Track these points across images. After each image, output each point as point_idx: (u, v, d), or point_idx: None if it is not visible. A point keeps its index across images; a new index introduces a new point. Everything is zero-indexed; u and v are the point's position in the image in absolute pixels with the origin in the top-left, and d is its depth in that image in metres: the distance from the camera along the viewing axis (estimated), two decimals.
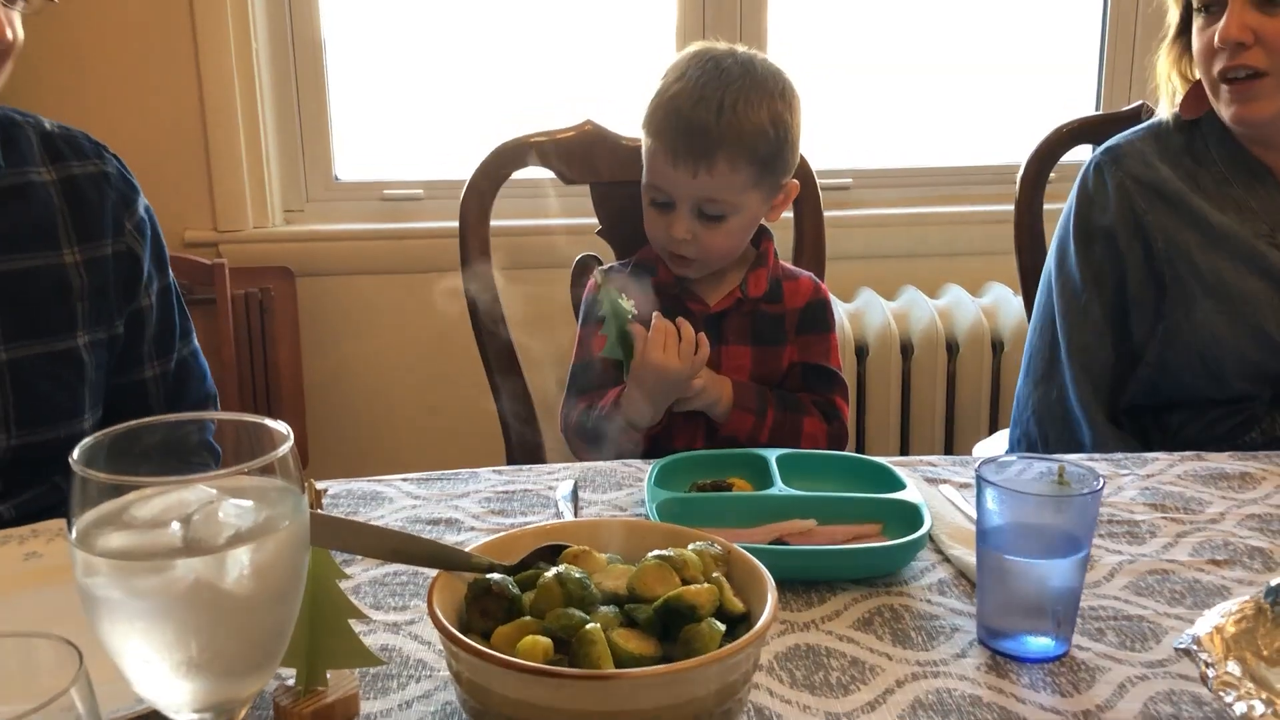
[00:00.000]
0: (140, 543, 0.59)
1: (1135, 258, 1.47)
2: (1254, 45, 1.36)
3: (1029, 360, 1.57)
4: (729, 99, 1.38)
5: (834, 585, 0.98)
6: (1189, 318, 1.43)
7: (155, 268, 1.31)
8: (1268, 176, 1.46)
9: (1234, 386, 1.42)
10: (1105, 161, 1.51)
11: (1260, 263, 1.41)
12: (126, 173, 1.31)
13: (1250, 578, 1.00)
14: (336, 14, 2.42)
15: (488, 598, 0.75)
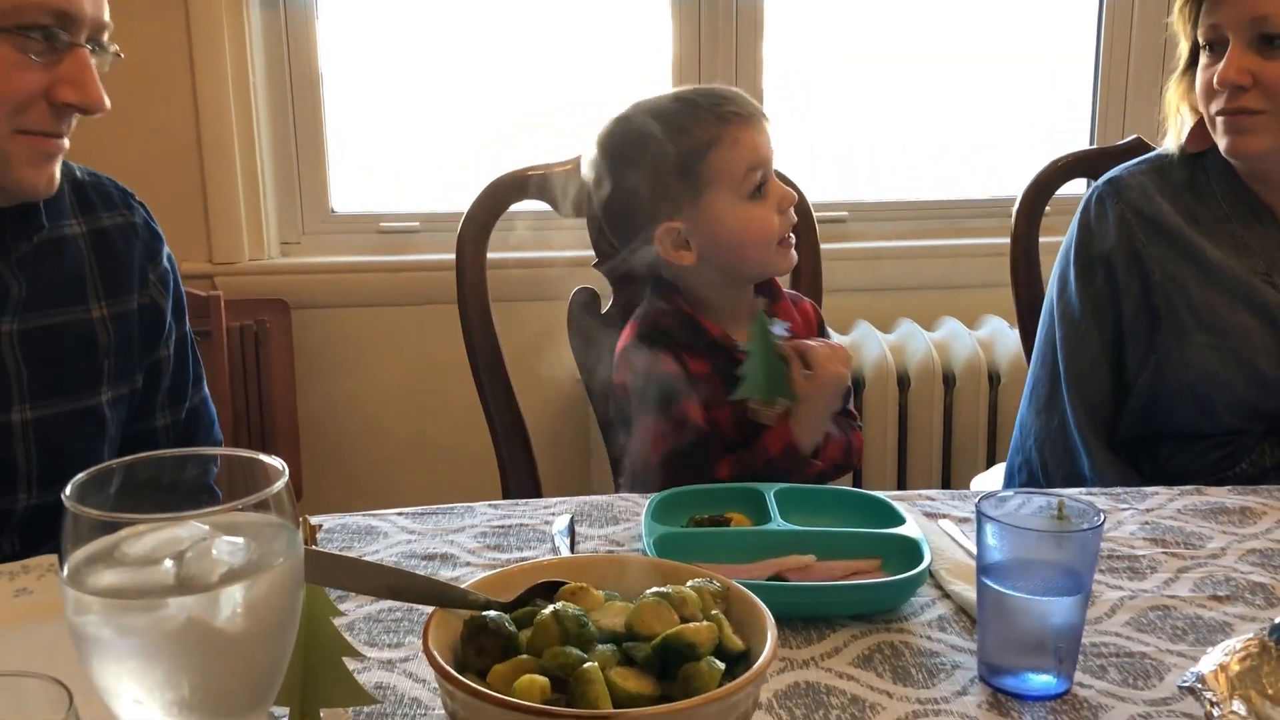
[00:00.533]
0: (132, 580, 0.58)
1: (1132, 288, 1.47)
2: (1252, 87, 1.38)
3: (1031, 388, 1.57)
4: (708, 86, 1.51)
5: (833, 621, 0.97)
6: (1182, 351, 1.43)
7: (175, 318, 1.31)
8: (1267, 216, 1.46)
9: (1224, 421, 1.43)
10: (1107, 192, 1.52)
11: (1255, 299, 1.41)
12: (152, 221, 1.31)
13: (1252, 613, 0.99)
14: (334, 47, 2.43)
15: (484, 635, 0.74)
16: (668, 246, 1.44)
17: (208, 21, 2.27)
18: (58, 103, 1.10)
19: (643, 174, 1.42)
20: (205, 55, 2.28)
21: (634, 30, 2.51)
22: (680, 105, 1.43)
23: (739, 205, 1.42)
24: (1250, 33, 1.37)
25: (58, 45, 1.08)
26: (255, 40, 2.35)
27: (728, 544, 1.08)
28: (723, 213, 1.42)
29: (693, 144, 1.41)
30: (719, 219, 1.42)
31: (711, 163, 1.41)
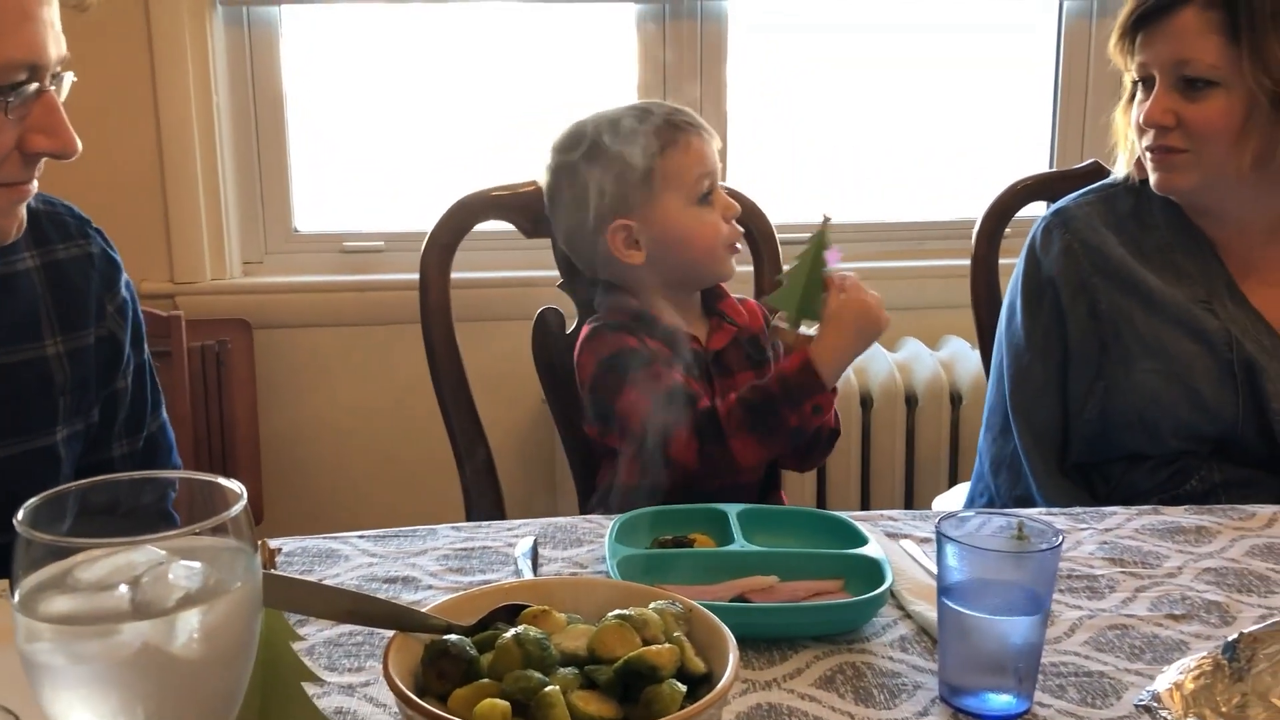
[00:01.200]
0: (86, 606, 0.57)
1: (1078, 315, 1.50)
2: (1176, 128, 1.42)
3: (987, 414, 1.60)
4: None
5: (796, 642, 0.98)
6: (1129, 378, 1.46)
7: (133, 348, 1.27)
8: (1207, 246, 1.50)
9: (1170, 444, 1.45)
10: (1055, 224, 1.56)
11: (1195, 327, 1.45)
12: (110, 249, 1.27)
13: (1208, 632, 1.01)
14: (298, 66, 2.42)
15: (445, 659, 0.74)
16: (619, 244, 1.49)
17: (170, 39, 2.26)
18: (31, 152, 1.07)
19: (596, 174, 1.48)
20: (167, 73, 2.27)
21: (599, 52, 2.52)
22: (636, 112, 1.50)
23: (689, 209, 1.49)
24: (1174, 74, 1.41)
25: (26, 96, 1.05)
26: (218, 58, 2.34)
27: (691, 565, 1.08)
28: (673, 214, 1.48)
29: (649, 146, 1.48)
30: (670, 220, 1.48)
31: (665, 165, 1.48)
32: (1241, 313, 1.46)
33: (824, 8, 2.57)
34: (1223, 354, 1.43)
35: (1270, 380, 1.41)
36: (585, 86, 2.51)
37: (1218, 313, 1.45)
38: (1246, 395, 1.42)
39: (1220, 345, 1.43)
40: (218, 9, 2.32)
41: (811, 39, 2.60)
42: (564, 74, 2.52)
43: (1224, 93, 1.39)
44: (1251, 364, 1.41)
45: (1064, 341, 1.51)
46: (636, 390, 1.43)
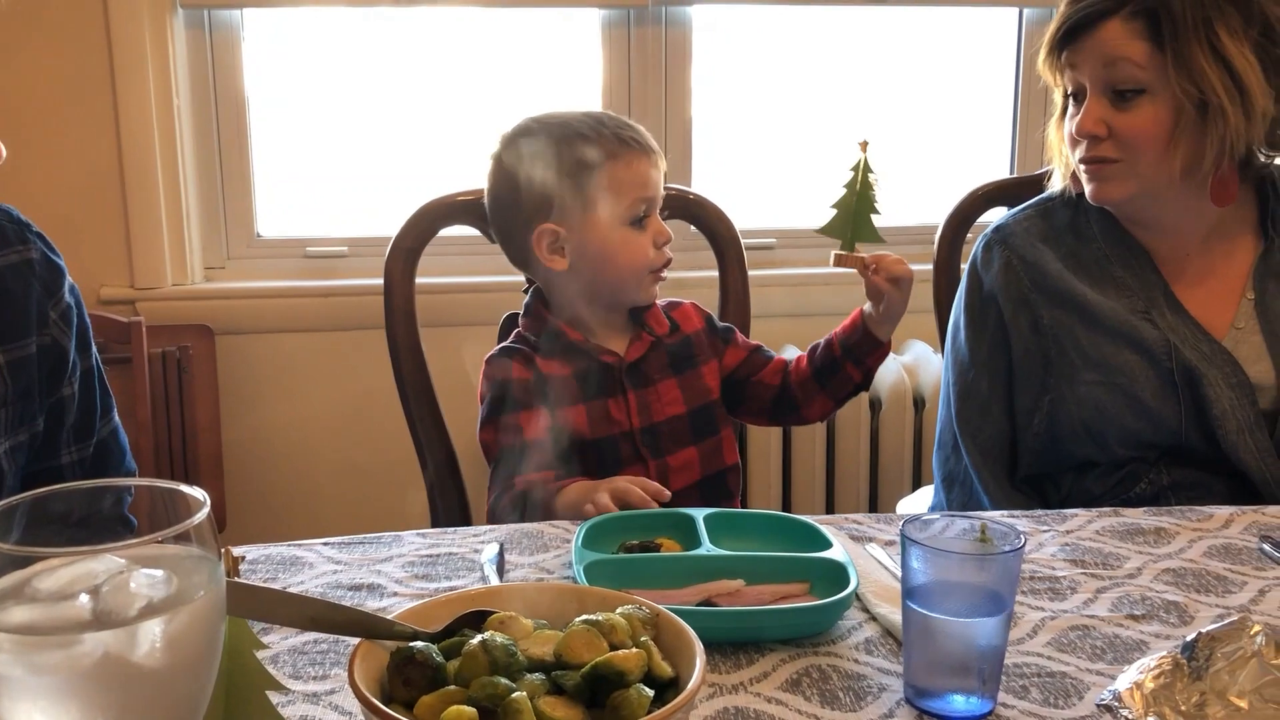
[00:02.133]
0: (46, 616, 0.56)
1: (1021, 331, 1.52)
2: (1108, 137, 1.44)
3: (939, 431, 1.62)
4: None
5: (762, 646, 0.98)
6: (1073, 390, 1.48)
7: (80, 353, 1.24)
8: (1144, 256, 1.52)
9: (1117, 453, 1.48)
10: (994, 241, 1.58)
11: (1135, 337, 1.47)
12: (52, 254, 1.24)
13: (1167, 631, 1.02)
14: (260, 70, 2.41)
15: (411, 666, 0.74)
16: (543, 248, 1.48)
17: (130, 41, 2.23)
18: None
19: (536, 171, 1.47)
20: (127, 76, 2.25)
21: (564, 57, 2.52)
22: (586, 119, 1.48)
23: (619, 228, 1.47)
24: (1103, 85, 1.43)
25: None
26: (179, 61, 2.31)
27: (657, 570, 1.08)
28: (602, 230, 1.47)
29: (590, 155, 1.46)
30: (597, 235, 1.47)
31: (603, 179, 1.46)
32: (1179, 321, 1.48)
33: (788, 15, 2.58)
34: (1162, 363, 1.45)
35: (1210, 385, 1.43)
36: (550, 92, 2.51)
37: (1156, 322, 1.47)
38: (1188, 402, 1.44)
39: (1160, 354, 1.45)
40: (178, 11, 2.30)
41: (775, 45, 2.61)
42: (529, 79, 2.52)
43: (1152, 100, 1.41)
44: (1191, 371, 1.44)
45: (1008, 357, 1.53)
46: (493, 432, 1.46)
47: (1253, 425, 1.43)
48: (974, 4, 2.58)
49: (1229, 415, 1.42)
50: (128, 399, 2.22)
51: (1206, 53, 1.37)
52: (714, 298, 1.74)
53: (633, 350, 1.52)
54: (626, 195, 1.46)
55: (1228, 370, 1.44)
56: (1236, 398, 1.43)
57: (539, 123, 1.50)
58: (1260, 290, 1.49)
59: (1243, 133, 1.39)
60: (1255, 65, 1.37)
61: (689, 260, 1.68)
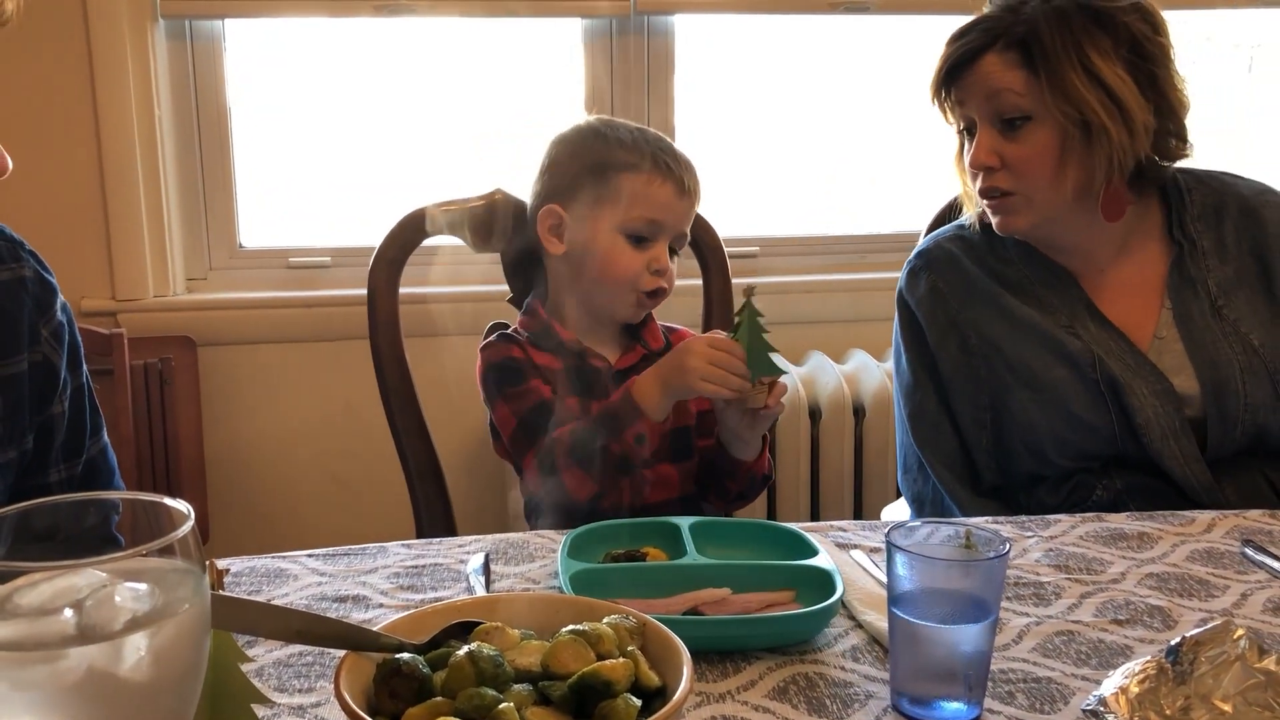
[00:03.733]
0: (29, 632, 0.56)
1: (950, 352, 1.54)
2: (1001, 168, 1.47)
3: (902, 456, 1.63)
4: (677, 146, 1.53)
5: (749, 654, 0.98)
6: (1009, 408, 1.50)
7: (70, 371, 1.24)
8: (1066, 275, 1.54)
9: (1060, 464, 1.49)
10: (919, 267, 1.61)
11: (1062, 350, 1.48)
12: (45, 271, 1.23)
13: (1151, 636, 1.03)
14: (242, 80, 2.40)
15: (397, 678, 0.73)
16: (545, 227, 1.51)
17: (111, 51, 2.22)
18: None
19: (566, 155, 1.51)
20: (108, 86, 2.23)
21: (547, 67, 2.53)
22: (637, 132, 1.51)
23: (616, 237, 1.47)
24: (990, 116, 1.46)
25: None
26: (161, 71, 2.31)
27: (644, 579, 1.08)
28: (600, 231, 1.48)
29: (617, 158, 1.48)
30: (594, 234, 1.48)
31: (619, 181, 1.47)
32: (1103, 332, 1.49)
33: (771, 24, 2.60)
34: (1088, 374, 1.46)
35: (1133, 395, 1.44)
36: (533, 102, 2.51)
37: (1080, 335, 1.49)
38: (1116, 412, 1.45)
39: (1085, 366, 1.47)
40: (159, 22, 2.29)
41: (758, 54, 2.62)
42: (512, 89, 2.52)
43: (1038, 127, 1.44)
44: (1115, 381, 1.45)
45: (941, 378, 1.55)
46: (508, 404, 1.46)
47: (1177, 432, 1.44)
48: (954, 12, 2.59)
49: (1152, 423, 1.44)
50: (109, 411, 2.20)
51: (1081, 75, 1.40)
52: (698, 306, 1.75)
53: (624, 359, 1.52)
54: (634, 209, 1.46)
55: (1151, 379, 1.46)
56: (1160, 405, 1.44)
57: (600, 120, 1.54)
58: (1176, 300, 1.50)
59: (1128, 147, 1.43)
60: (1129, 82, 1.42)
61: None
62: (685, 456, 1.51)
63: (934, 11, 2.58)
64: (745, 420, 1.43)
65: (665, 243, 1.49)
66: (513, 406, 1.46)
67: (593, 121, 1.54)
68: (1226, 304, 1.49)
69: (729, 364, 1.36)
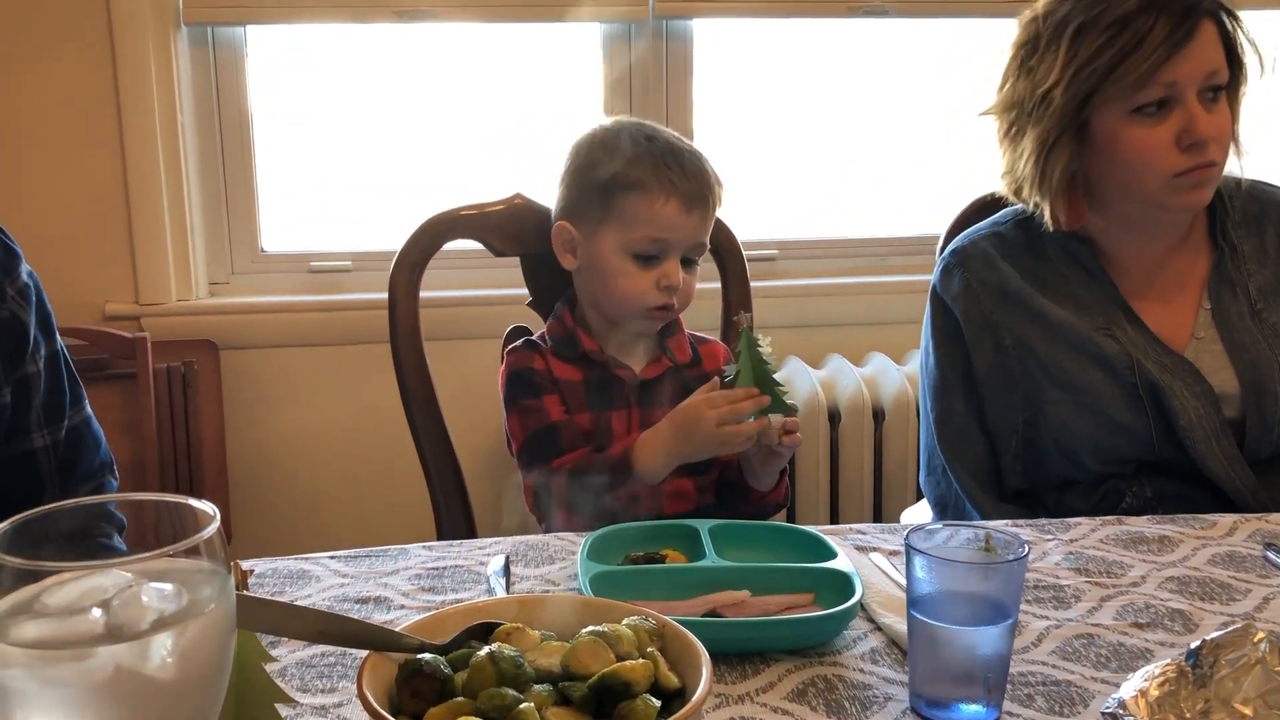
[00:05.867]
0: (57, 631, 0.57)
1: (984, 352, 1.52)
2: (1214, 140, 1.41)
3: (925, 456, 1.62)
4: (692, 149, 1.50)
5: (768, 656, 0.98)
6: (1042, 410, 1.49)
7: (42, 334, 1.25)
8: (1101, 274, 1.52)
9: (1093, 469, 1.48)
10: (952, 264, 1.58)
11: (1097, 354, 1.47)
12: (8, 240, 1.25)
13: (1172, 639, 1.02)
14: (263, 86, 2.42)
15: (419, 678, 0.74)
16: (558, 243, 1.52)
17: (135, 59, 2.25)
18: None
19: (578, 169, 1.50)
20: (132, 93, 2.26)
21: (566, 70, 2.53)
22: (643, 141, 1.48)
23: (622, 257, 1.47)
24: (1204, 86, 1.40)
25: None
26: (183, 78, 2.33)
27: (663, 581, 1.08)
28: (606, 250, 1.48)
29: (618, 175, 1.46)
30: (600, 252, 1.48)
31: (623, 204, 1.46)
32: (1140, 335, 1.48)
33: (789, 27, 2.60)
34: (1126, 378, 1.45)
35: (1175, 397, 1.43)
36: (552, 106, 2.52)
37: (1117, 337, 1.48)
38: (1155, 416, 1.44)
39: (1123, 369, 1.46)
40: (182, 29, 2.31)
41: (777, 56, 2.62)
42: (531, 93, 2.53)
43: (1228, 98, 1.43)
44: (1155, 385, 1.44)
45: (974, 379, 1.53)
46: (520, 418, 1.48)
47: (1219, 433, 1.43)
48: (975, 15, 2.59)
49: (1196, 426, 1.43)
50: (133, 414, 2.23)
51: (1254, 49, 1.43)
52: (716, 309, 1.75)
53: (649, 369, 1.52)
54: (637, 229, 1.45)
55: (1190, 381, 1.45)
56: (1202, 407, 1.43)
57: (613, 124, 1.52)
58: (1216, 300, 1.50)
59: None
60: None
61: None
62: (703, 470, 1.51)
63: (951, 15, 2.57)
64: (760, 457, 1.42)
65: (675, 258, 1.47)
66: (523, 421, 1.48)
67: (607, 126, 1.52)
68: (1266, 307, 1.48)
69: (737, 415, 1.35)
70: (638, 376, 1.51)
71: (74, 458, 1.28)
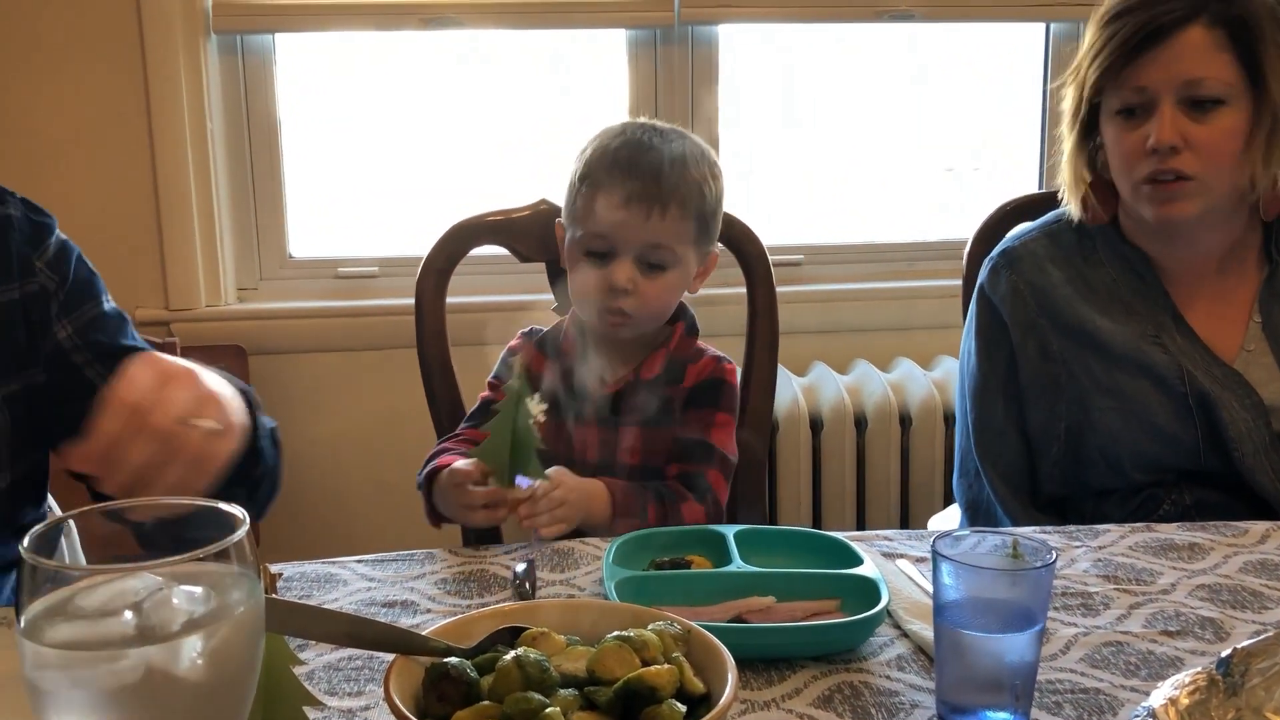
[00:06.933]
0: (91, 632, 0.58)
1: (1029, 356, 1.51)
2: (1184, 150, 1.38)
3: (960, 458, 1.60)
4: (674, 151, 1.44)
5: (793, 662, 0.98)
6: (1087, 416, 1.47)
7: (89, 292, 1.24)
8: (1151, 274, 1.50)
9: (1134, 478, 1.46)
10: (1001, 265, 1.56)
11: (1145, 363, 1.45)
12: (33, 213, 1.24)
13: (1202, 648, 1.01)
14: (292, 93, 2.44)
15: (445, 682, 0.74)
16: (559, 241, 1.53)
17: (165, 67, 2.27)
18: None
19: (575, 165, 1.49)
20: (162, 101, 2.28)
21: (592, 76, 2.54)
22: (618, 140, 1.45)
23: (577, 255, 1.47)
24: (1182, 95, 1.37)
25: None
26: (213, 86, 2.35)
27: (688, 587, 1.08)
28: (569, 250, 1.49)
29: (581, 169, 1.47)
30: (567, 252, 1.50)
31: (578, 197, 1.47)
32: (1190, 345, 1.47)
33: (815, 32, 2.59)
34: (1176, 388, 1.44)
35: (1225, 409, 1.42)
36: (578, 112, 2.53)
37: (1167, 346, 1.46)
38: (1204, 427, 1.43)
39: (1173, 379, 1.44)
40: (212, 37, 2.33)
41: (802, 61, 2.62)
42: (557, 99, 2.54)
43: (1230, 111, 1.37)
44: (1205, 396, 1.42)
45: (1019, 382, 1.52)
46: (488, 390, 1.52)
47: (1268, 447, 1.42)
48: (1000, 19, 2.58)
49: (1245, 438, 1.41)
50: None
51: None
52: (741, 314, 1.75)
53: (620, 383, 1.48)
54: (584, 224, 1.44)
55: (1240, 393, 1.43)
56: (1252, 419, 1.42)
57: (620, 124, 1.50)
58: (1267, 313, 1.48)
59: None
60: None
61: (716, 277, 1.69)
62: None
63: (978, 18, 2.56)
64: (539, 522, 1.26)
65: (625, 259, 1.42)
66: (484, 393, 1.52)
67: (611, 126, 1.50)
68: None
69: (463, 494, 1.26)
70: (605, 390, 1.47)
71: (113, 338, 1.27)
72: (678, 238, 1.43)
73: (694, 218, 1.44)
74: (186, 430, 0.88)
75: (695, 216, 1.44)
